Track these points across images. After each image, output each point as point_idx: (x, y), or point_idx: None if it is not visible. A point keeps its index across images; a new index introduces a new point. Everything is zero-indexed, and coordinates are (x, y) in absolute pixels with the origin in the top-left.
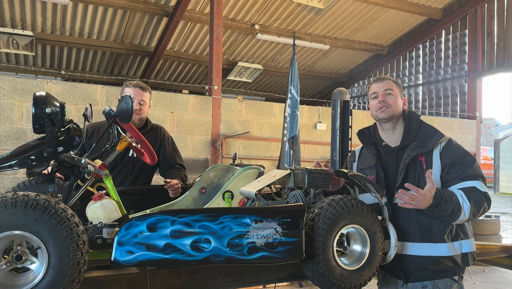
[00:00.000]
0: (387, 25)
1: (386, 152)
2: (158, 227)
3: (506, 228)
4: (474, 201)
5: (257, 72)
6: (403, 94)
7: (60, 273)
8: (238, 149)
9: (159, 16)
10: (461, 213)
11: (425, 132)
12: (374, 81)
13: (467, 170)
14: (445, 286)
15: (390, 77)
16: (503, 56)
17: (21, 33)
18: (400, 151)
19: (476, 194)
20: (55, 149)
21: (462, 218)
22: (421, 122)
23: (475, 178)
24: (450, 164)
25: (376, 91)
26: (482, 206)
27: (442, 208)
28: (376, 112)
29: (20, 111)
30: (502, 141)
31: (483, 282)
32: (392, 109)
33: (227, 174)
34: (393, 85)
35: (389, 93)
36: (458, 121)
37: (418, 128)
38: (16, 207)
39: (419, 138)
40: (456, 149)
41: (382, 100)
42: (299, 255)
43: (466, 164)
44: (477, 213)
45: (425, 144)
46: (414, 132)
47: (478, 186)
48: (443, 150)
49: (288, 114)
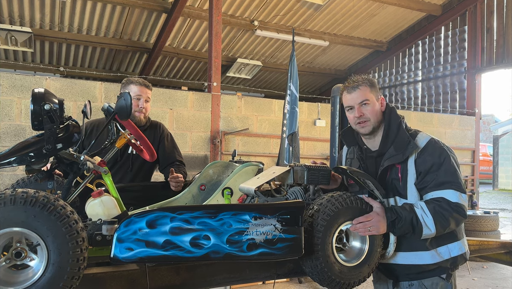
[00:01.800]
0: (386, 22)
1: (367, 156)
2: (157, 223)
3: (505, 224)
4: (437, 214)
5: (256, 69)
6: (379, 93)
7: (59, 269)
8: (237, 145)
9: (158, 12)
10: (422, 227)
11: (401, 140)
12: (345, 89)
13: (439, 178)
14: (431, 284)
15: (362, 81)
16: (503, 53)
17: (20, 29)
18: (379, 157)
19: (443, 205)
20: (54, 145)
21: (428, 232)
22: (399, 127)
23: (447, 187)
24: (425, 171)
25: (350, 104)
26: (450, 216)
27: (399, 225)
28: (356, 126)
29: (19, 108)
30: (501, 137)
31: (482, 278)
32: (372, 121)
33: (226, 170)
34: (366, 91)
35: (364, 103)
36: (457, 117)
37: (396, 133)
38: (15, 203)
39: (396, 145)
40: (432, 154)
41: (360, 115)
42: (298, 251)
43: (440, 171)
44: (446, 224)
45: (401, 153)
46: (392, 138)
47: (448, 196)
48: (418, 157)
49: (287, 110)
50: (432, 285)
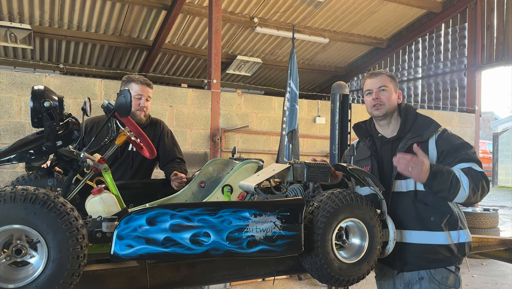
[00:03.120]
0: (386, 19)
1: (382, 143)
2: (157, 221)
3: (505, 221)
4: (472, 177)
5: (256, 66)
6: (398, 87)
7: (59, 266)
8: (237, 142)
9: (158, 9)
10: (460, 186)
11: (421, 123)
12: (368, 76)
13: (462, 155)
14: (442, 277)
15: (384, 71)
16: (503, 50)
17: (19, 26)
18: (396, 141)
19: (474, 171)
20: (54, 143)
21: (462, 193)
22: (417, 115)
23: (471, 160)
24: (447, 151)
25: (370, 88)
26: (480, 182)
27: (440, 180)
28: (371, 109)
29: (18, 105)
30: (501, 135)
31: (481, 275)
32: (386, 106)
33: (226, 168)
34: (387, 80)
35: (382, 89)
36: (457, 115)
37: (414, 120)
38: (15, 201)
39: (415, 130)
40: (452, 137)
41: (376, 98)
42: (298, 248)
43: (462, 149)
44: (476, 189)
45: (421, 134)
46: (410, 124)
47: (474, 167)
48: (439, 139)
49: (287, 108)
50: (443, 278)
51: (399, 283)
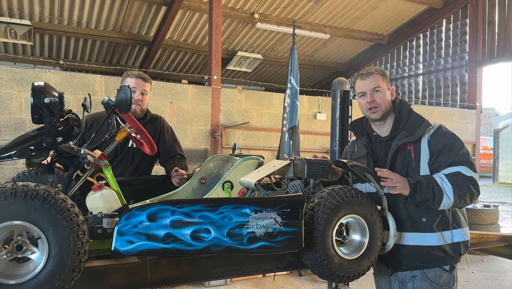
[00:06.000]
0: (387, 14)
1: (377, 142)
2: (158, 217)
3: (505, 218)
4: (456, 184)
5: (257, 62)
6: (390, 84)
7: (60, 262)
8: (237, 139)
9: (158, 5)
10: (443, 195)
11: (414, 121)
12: (359, 77)
13: (452, 157)
14: (435, 275)
15: (375, 70)
16: (504, 46)
17: (19, 22)
18: (389, 140)
19: (459, 178)
20: (54, 139)
21: (447, 201)
22: (410, 112)
23: (460, 164)
24: (438, 152)
25: (363, 90)
26: (466, 188)
27: (420, 191)
28: (367, 112)
29: (18, 102)
30: (502, 131)
31: (482, 271)
32: (382, 108)
33: (226, 164)
34: (379, 80)
35: (376, 90)
36: (458, 111)
37: (408, 118)
38: (16, 197)
39: (408, 128)
40: (444, 136)
41: (371, 100)
42: (298, 244)
43: (453, 151)
44: (463, 196)
45: (413, 133)
46: (403, 122)
47: (463, 171)
48: (431, 138)
49: (287, 104)
50: (436, 277)
51: (394, 281)
